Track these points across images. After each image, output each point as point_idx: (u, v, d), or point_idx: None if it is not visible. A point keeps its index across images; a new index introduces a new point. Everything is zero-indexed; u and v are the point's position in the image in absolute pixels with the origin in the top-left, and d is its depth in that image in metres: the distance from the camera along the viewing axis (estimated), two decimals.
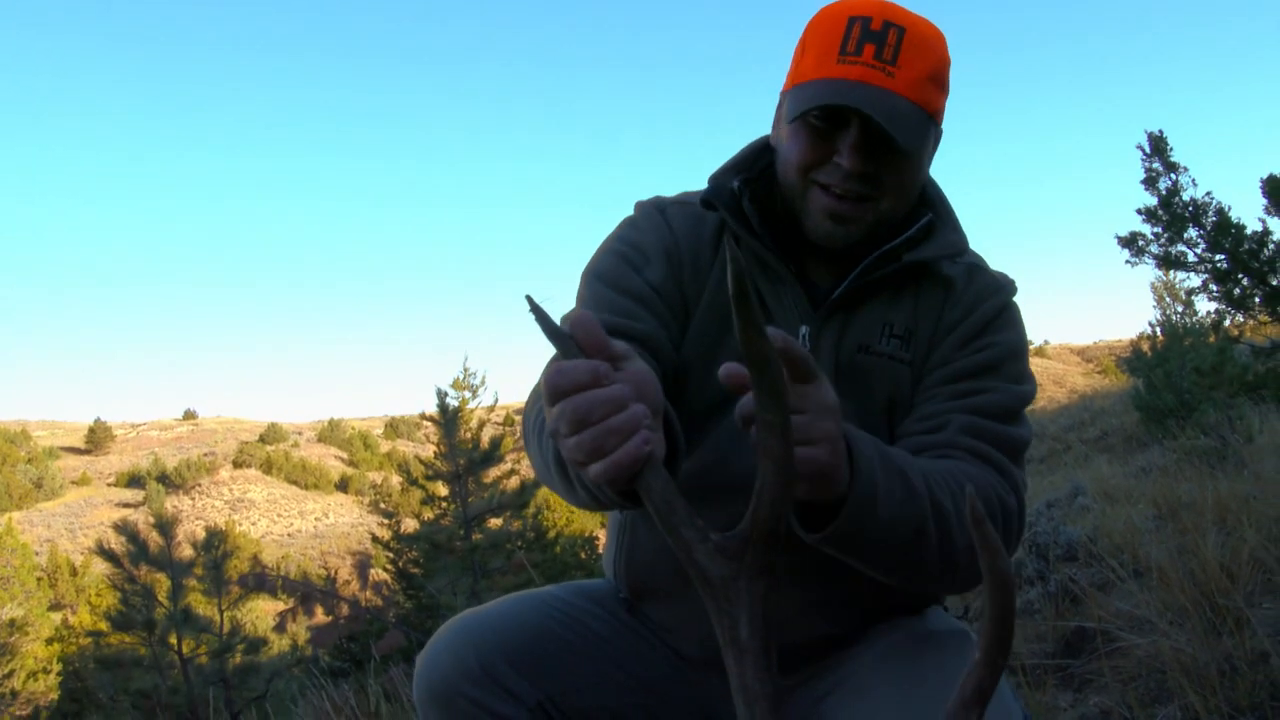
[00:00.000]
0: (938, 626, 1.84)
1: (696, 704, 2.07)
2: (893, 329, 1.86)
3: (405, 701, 5.41)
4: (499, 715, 1.88)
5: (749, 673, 1.11)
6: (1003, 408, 1.80)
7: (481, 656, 1.89)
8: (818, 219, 1.80)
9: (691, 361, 1.93)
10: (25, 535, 34.35)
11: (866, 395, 1.85)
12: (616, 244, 1.99)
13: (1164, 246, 10.06)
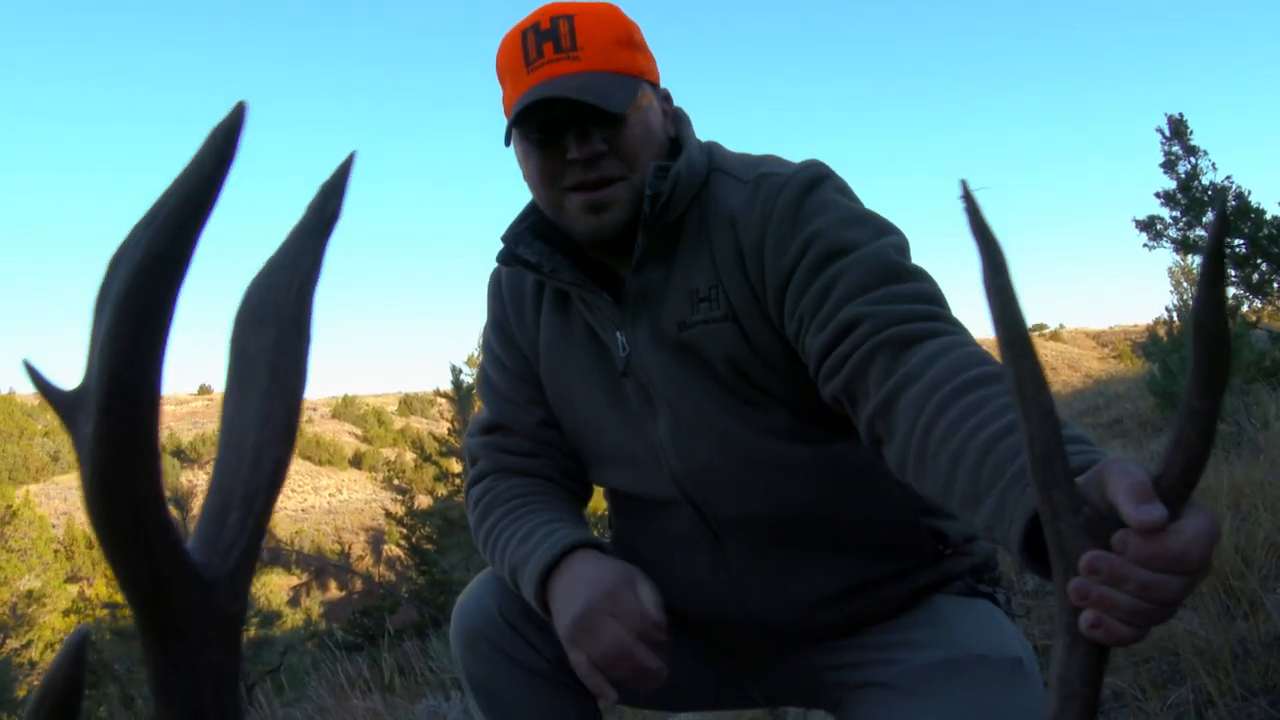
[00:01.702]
0: (988, 649, 1.79)
1: (708, 670, 2.10)
2: (699, 294, 1.82)
3: (419, 675, 5.47)
4: (520, 662, 1.97)
5: (1074, 667, 1.11)
6: (884, 270, 1.65)
7: (503, 607, 1.99)
8: (579, 219, 1.82)
9: (561, 412, 2.05)
10: (42, 508, 34.59)
11: (708, 367, 1.82)
12: (485, 340, 2.17)
13: (1182, 230, 10.02)
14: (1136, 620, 1.09)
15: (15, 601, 25.18)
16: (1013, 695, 1.71)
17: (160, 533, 0.76)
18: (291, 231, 0.85)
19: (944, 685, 1.76)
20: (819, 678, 2.01)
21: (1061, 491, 1.11)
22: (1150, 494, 1.07)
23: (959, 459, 1.39)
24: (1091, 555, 1.09)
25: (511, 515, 1.97)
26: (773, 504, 1.87)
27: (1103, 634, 1.10)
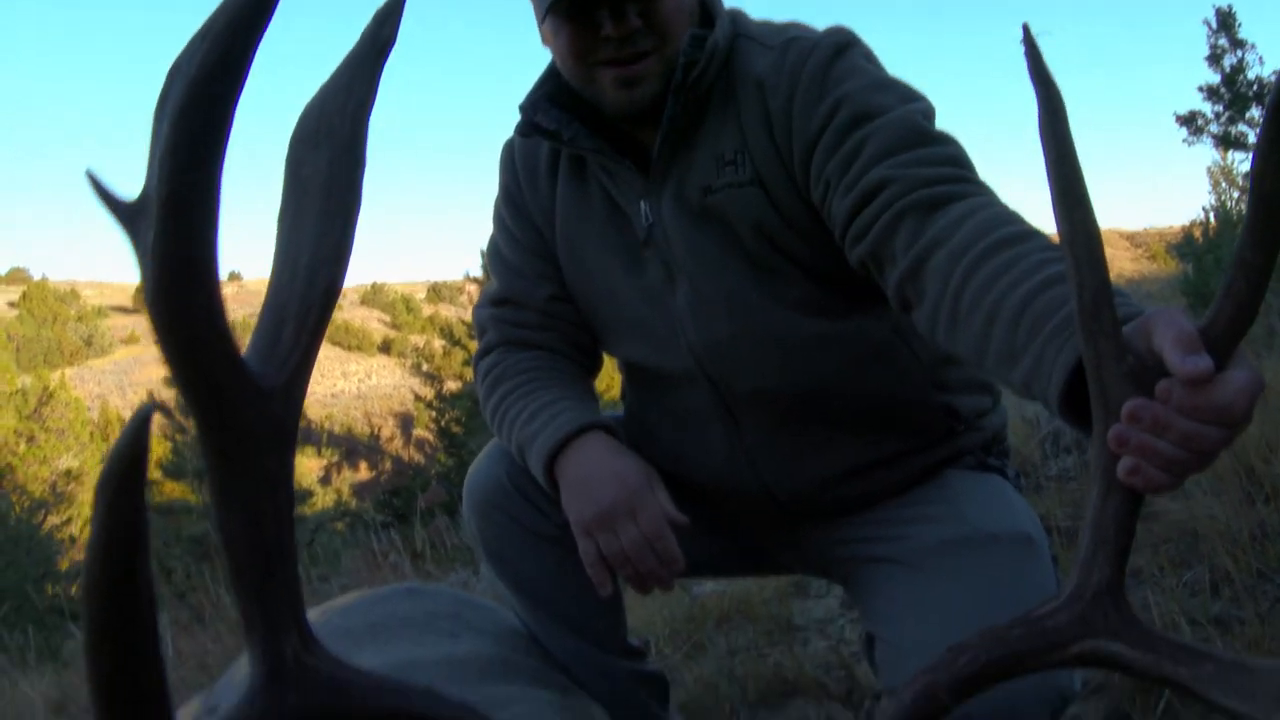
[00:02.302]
0: (998, 527, 1.83)
1: (717, 541, 2.15)
2: (724, 158, 1.81)
3: (449, 549, 5.60)
4: (530, 528, 2.02)
5: (1108, 513, 1.15)
6: (912, 133, 1.64)
7: (512, 475, 2.02)
8: (611, 94, 1.80)
9: (576, 284, 2.03)
10: (77, 391, 35.15)
11: (732, 234, 1.82)
12: (496, 211, 2.13)
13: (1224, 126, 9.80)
14: (1174, 469, 1.11)
15: (55, 480, 25.80)
16: (1021, 571, 1.75)
17: (219, 342, 0.79)
18: (346, 56, 0.86)
19: (953, 561, 1.79)
20: (830, 552, 2.05)
21: (1108, 339, 1.14)
22: (1197, 344, 1.08)
23: (994, 318, 1.39)
24: (1134, 402, 1.12)
25: (520, 391, 1.98)
26: (789, 379, 1.87)
27: (1140, 481, 1.14)
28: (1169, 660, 1.16)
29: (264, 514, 0.83)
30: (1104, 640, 1.19)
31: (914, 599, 1.77)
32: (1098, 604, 1.21)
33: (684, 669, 3.10)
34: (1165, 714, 2.29)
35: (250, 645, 0.84)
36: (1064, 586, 1.25)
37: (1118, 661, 1.21)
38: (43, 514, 22.72)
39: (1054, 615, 1.24)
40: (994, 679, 1.25)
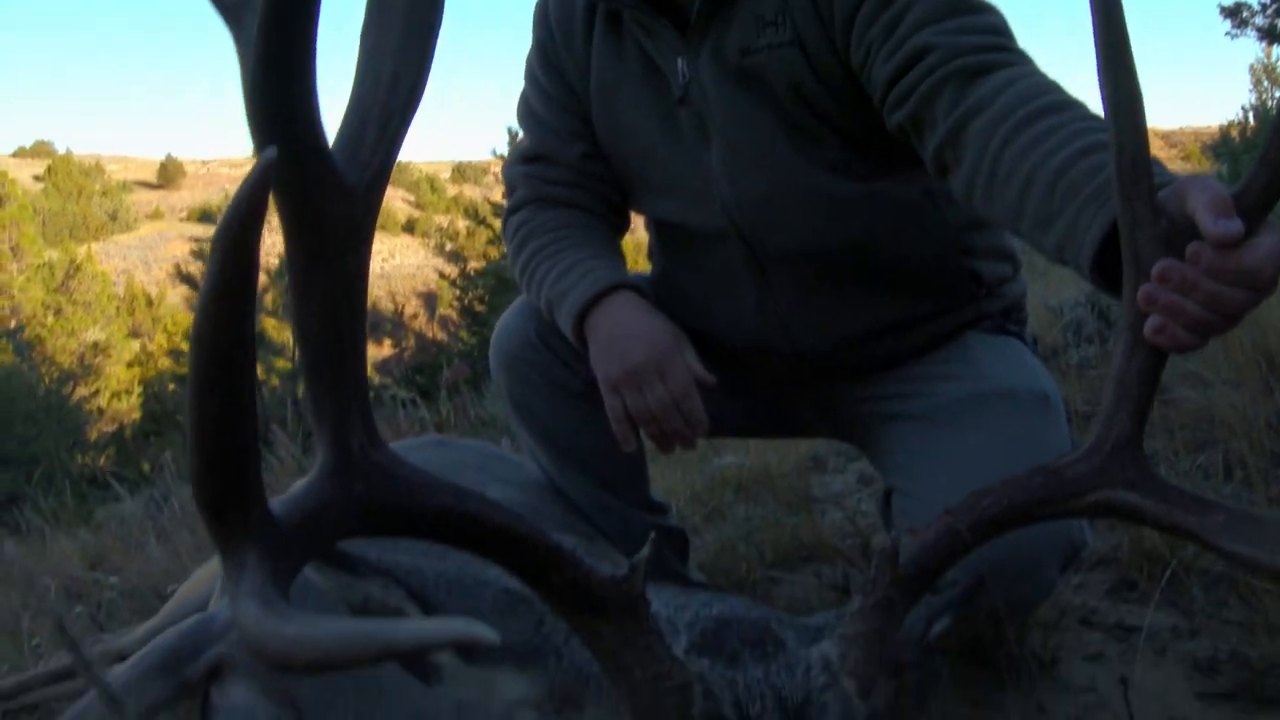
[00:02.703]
0: (1016, 384, 1.89)
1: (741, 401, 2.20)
2: (764, 19, 1.81)
3: (472, 421, 5.71)
4: (557, 383, 2.08)
5: (1133, 370, 1.23)
6: (954, 1, 1.66)
7: (540, 330, 2.08)
8: None
9: (609, 142, 2.05)
10: (102, 266, 35.36)
11: (769, 94, 1.83)
12: (529, 68, 2.14)
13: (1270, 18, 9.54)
14: (1199, 329, 1.17)
15: (82, 352, 26.12)
16: (1038, 427, 1.81)
17: (311, 135, 0.82)
18: None
19: (971, 417, 1.86)
20: (852, 410, 2.10)
21: (1143, 202, 1.19)
22: (1230, 208, 1.12)
23: (1031, 183, 1.43)
24: (1165, 263, 1.17)
25: (550, 249, 2.01)
26: (821, 238, 1.91)
27: (1165, 339, 1.19)
28: (1180, 510, 1.22)
29: (340, 310, 0.88)
30: (1120, 490, 1.26)
31: (933, 452, 1.83)
32: (1116, 456, 1.27)
33: (704, 531, 3.19)
34: (1170, 583, 2.36)
35: (319, 436, 0.89)
36: (1084, 440, 1.30)
37: (1132, 511, 1.27)
38: (71, 385, 23.06)
39: (1074, 465, 1.30)
40: (1014, 523, 1.31)
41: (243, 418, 0.77)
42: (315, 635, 0.78)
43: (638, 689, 1.11)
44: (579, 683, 1.24)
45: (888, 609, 1.23)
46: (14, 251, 29.16)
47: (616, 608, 1.09)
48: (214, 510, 0.79)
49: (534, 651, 1.25)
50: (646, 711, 1.12)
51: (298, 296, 0.86)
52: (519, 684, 1.24)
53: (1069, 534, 1.77)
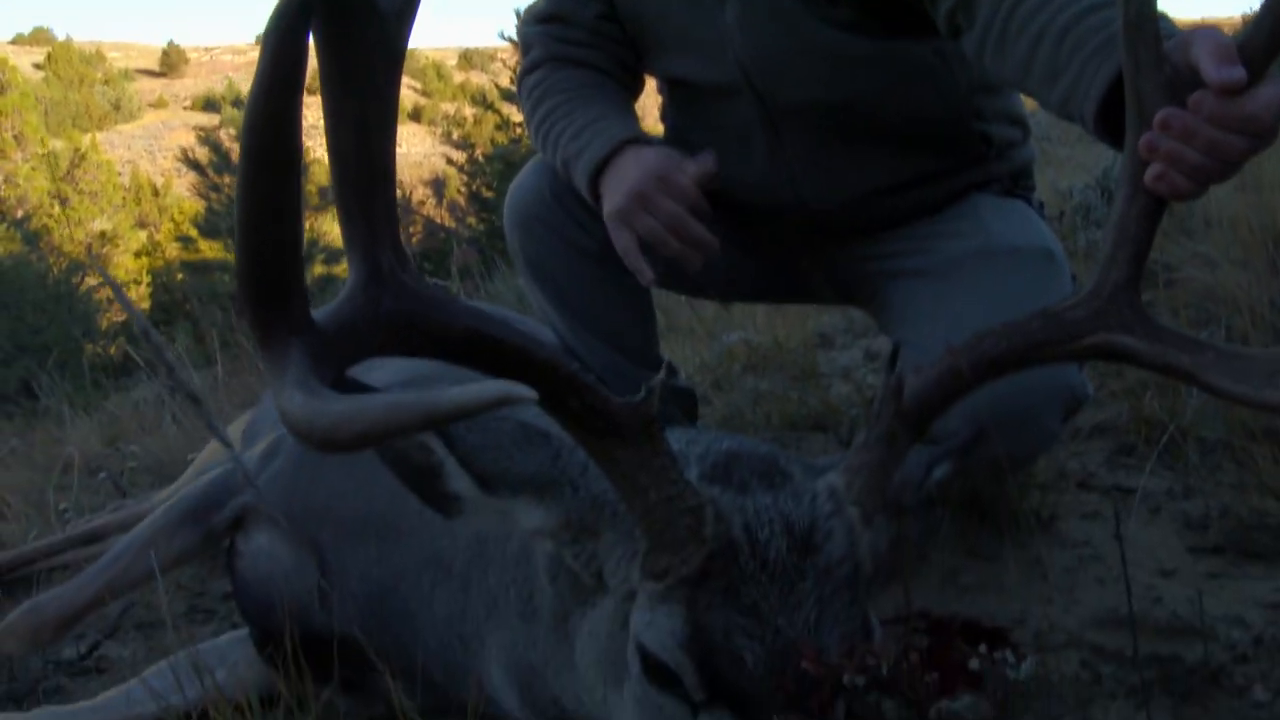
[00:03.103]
0: (1021, 241, 1.92)
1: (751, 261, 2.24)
2: None
3: (483, 298, 5.76)
4: (571, 241, 2.11)
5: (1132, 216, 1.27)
6: None
7: (555, 189, 2.11)
8: None
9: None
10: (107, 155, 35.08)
11: None
12: None
13: None
14: (1198, 176, 1.21)
15: (90, 242, 26.07)
16: (1042, 282, 1.84)
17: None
18: None
19: (977, 272, 1.90)
20: (860, 269, 2.14)
21: (1148, 49, 1.21)
22: (1233, 56, 1.15)
23: (1040, 39, 1.47)
24: (1167, 110, 1.20)
25: (565, 107, 2.04)
26: (833, 93, 1.94)
27: (1165, 186, 1.23)
28: (1174, 350, 1.27)
29: (372, 131, 0.92)
30: (1117, 333, 1.30)
31: (940, 305, 1.88)
32: (1114, 300, 1.31)
33: (712, 399, 3.25)
34: (1167, 448, 2.41)
35: (351, 254, 0.94)
36: (1083, 285, 1.34)
37: (1128, 352, 1.31)
38: (80, 275, 23.04)
39: (1073, 309, 1.35)
40: (1014, 364, 1.36)
41: (288, 215, 0.81)
42: (362, 409, 0.82)
43: (652, 510, 1.16)
44: (594, 511, 1.29)
45: (891, 442, 1.28)
46: (17, 140, 28.98)
47: (632, 431, 1.14)
48: (258, 305, 0.84)
49: (551, 482, 1.30)
50: (661, 532, 1.18)
51: (331, 117, 0.89)
52: (536, 514, 1.29)
53: (1068, 384, 1.82)
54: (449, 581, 1.66)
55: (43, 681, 2.15)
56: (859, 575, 1.26)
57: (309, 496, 1.88)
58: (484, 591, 1.58)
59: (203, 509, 2.01)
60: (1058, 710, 1.48)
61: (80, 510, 3.41)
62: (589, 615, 1.36)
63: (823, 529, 1.24)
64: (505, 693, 1.58)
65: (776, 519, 1.23)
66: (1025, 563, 2.05)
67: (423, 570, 1.70)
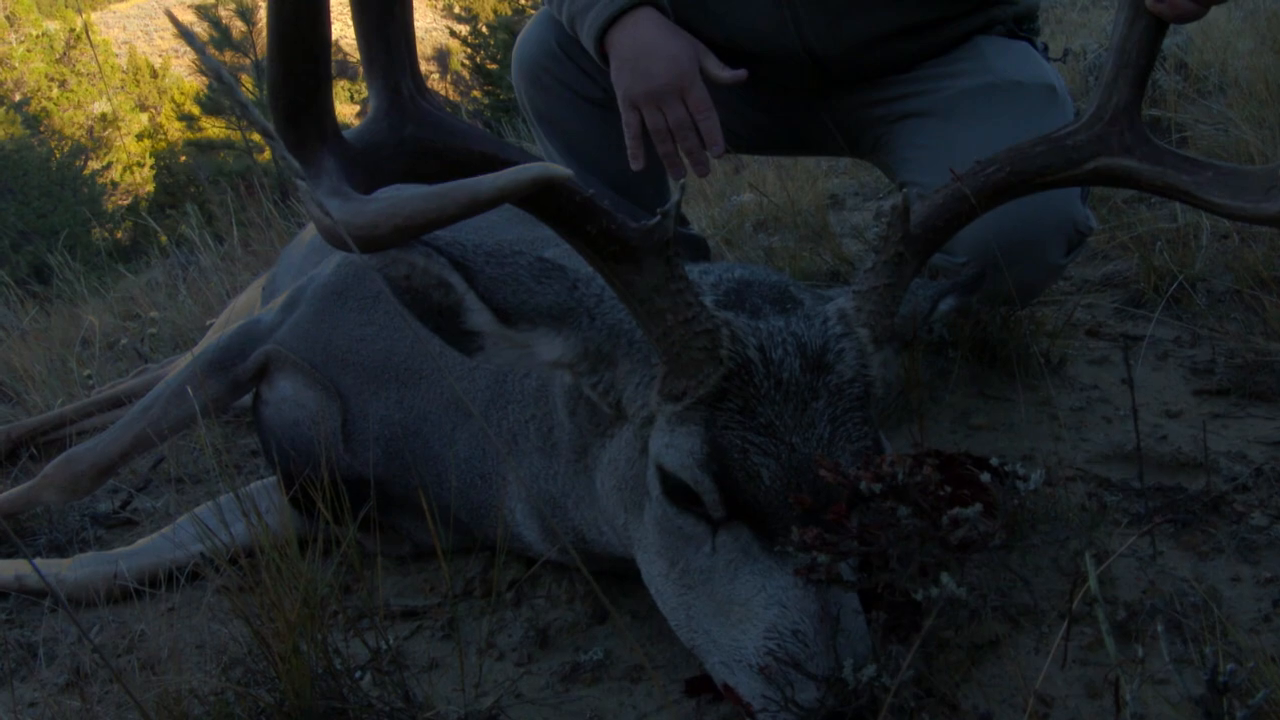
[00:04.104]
0: (1024, 76, 1.93)
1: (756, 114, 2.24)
2: None
3: None
4: (579, 91, 2.12)
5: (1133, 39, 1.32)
6: None
7: (561, 40, 2.11)
8: None
9: None
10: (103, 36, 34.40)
11: None
12: None
13: None
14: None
15: (91, 125, 25.75)
16: (1045, 115, 1.86)
17: None
18: None
19: (979, 107, 1.92)
20: (865, 114, 2.15)
21: None
22: None
23: None
24: None
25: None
26: None
27: (1167, 8, 1.27)
28: (1173, 170, 1.30)
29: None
30: (1117, 157, 1.34)
31: (944, 143, 1.90)
32: (1114, 123, 1.34)
33: (724, 254, 3.27)
34: (1176, 299, 2.44)
35: (371, 80, 0.95)
36: (1085, 109, 1.35)
37: (1129, 175, 1.35)
38: (83, 159, 22.84)
39: (1074, 134, 1.38)
40: (1017, 190, 1.39)
41: (318, 26, 0.82)
42: (400, 201, 0.85)
43: (670, 332, 1.19)
44: (611, 340, 1.33)
45: (899, 264, 1.31)
46: (10, 21, 28.37)
47: (648, 254, 1.16)
48: (291, 116, 0.85)
49: (568, 311, 1.33)
50: (678, 355, 1.21)
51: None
52: (555, 344, 1.32)
53: (1071, 216, 1.85)
54: (469, 422, 1.70)
55: (81, 533, 2.22)
56: (870, 395, 1.29)
57: (330, 343, 1.92)
58: (504, 429, 1.63)
59: (228, 359, 2.05)
60: (1064, 534, 1.53)
61: (103, 378, 3.47)
62: (608, 445, 1.41)
63: (834, 349, 1.27)
64: (527, 527, 1.64)
65: (789, 340, 1.26)
66: (1034, 404, 2.09)
67: (444, 412, 1.75)
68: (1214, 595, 1.44)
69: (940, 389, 2.14)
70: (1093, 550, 1.45)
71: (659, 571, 1.31)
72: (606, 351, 1.33)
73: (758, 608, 1.19)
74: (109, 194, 23.33)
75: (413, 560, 1.88)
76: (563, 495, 1.53)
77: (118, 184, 24.40)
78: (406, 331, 1.77)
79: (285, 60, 0.83)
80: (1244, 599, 1.47)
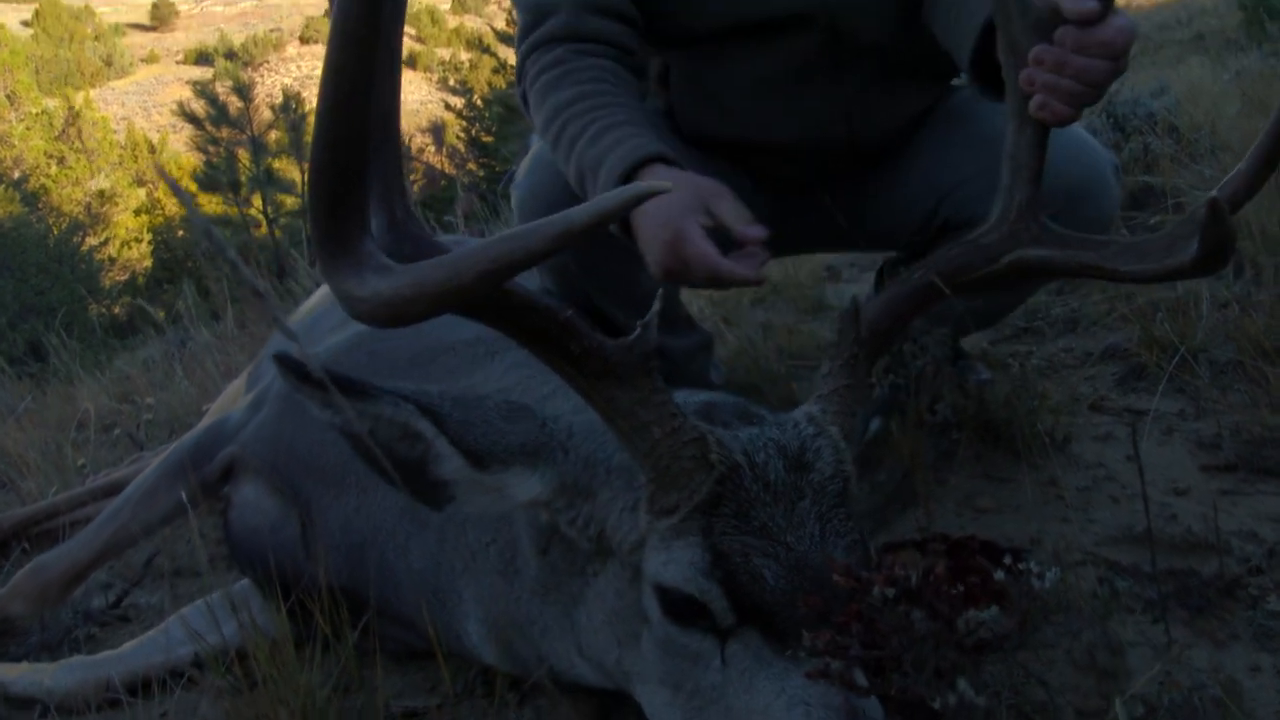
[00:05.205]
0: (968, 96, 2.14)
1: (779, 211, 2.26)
2: None
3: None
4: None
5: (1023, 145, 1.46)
6: None
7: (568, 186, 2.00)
8: None
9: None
10: (101, 113, 34.80)
11: None
12: None
13: None
14: (1073, 100, 1.41)
15: (89, 201, 25.94)
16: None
17: None
18: None
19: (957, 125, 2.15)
20: (864, 188, 2.25)
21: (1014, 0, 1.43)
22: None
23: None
24: (1040, 47, 1.41)
25: (583, 105, 1.88)
26: (898, 30, 2.01)
27: (1048, 114, 1.42)
28: (1082, 251, 1.41)
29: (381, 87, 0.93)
30: (1030, 248, 1.44)
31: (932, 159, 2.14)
32: (1020, 220, 1.45)
33: (724, 332, 3.26)
34: (1178, 370, 2.43)
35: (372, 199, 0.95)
36: (991, 212, 1.48)
37: (1044, 263, 1.45)
38: (81, 235, 22.95)
39: (987, 235, 1.48)
40: (937, 297, 1.47)
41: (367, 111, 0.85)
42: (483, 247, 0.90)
43: (657, 445, 1.19)
44: (588, 471, 1.32)
45: (854, 366, 1.39)
46: (10, 100, 28.69)
47: (630, 369, 1.18)
48: (332, 204, 0.90)
49: (541, 448, 1.31)
50: (667, 468, 1.21)
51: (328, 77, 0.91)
52: (530, 482, 1.31)
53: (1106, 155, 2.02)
54: (424, 534, 1.66)
55: (73, 631, 2.18)
56: (848, 490, 1.31)
57: (292, 447, 1.88)
58: (461, 546, 1.60)
59: (198, 459, 2.01)
60: (1077, 625, 1.50)
61: (98, 465, 3.43)
62: (592, 583, 1.38)
63: (811, 448, 1.29)
64: (483, 646, 1.60)
65: (769, 443, 1.27)
66: (1040, 484, 2.08)
67: (399, 522, 1.70)
68: (1233, 688, 1.40)
69: (944, 470, 2.12)
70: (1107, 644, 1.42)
71: (663, 700, 1.28)
72: (584, 484, 1.32)
73: (779, 712, 1.16)
74: (107, 269, 23.40)
75: (410, 659, 1.84)
76: (527, 622, 1.49)
77: (115, 259, 24.51)
78: None
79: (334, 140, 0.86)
80: (1264, 690, 1.44)
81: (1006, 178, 1.45)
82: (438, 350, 1.86)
